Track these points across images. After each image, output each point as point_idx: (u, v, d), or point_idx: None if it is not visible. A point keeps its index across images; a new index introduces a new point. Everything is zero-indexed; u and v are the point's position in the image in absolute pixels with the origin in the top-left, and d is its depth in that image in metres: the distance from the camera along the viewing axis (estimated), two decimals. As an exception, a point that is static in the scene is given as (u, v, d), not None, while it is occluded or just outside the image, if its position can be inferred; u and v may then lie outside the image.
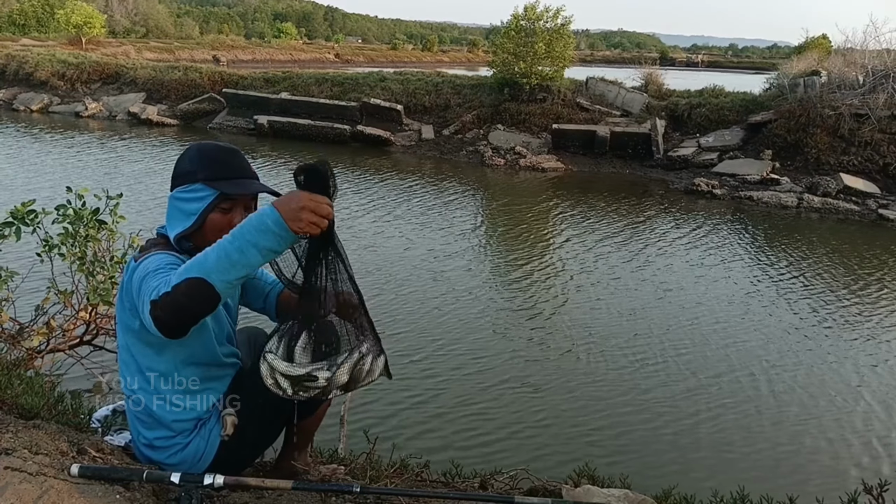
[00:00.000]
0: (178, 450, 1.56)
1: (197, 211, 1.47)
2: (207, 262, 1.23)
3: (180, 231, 1.47)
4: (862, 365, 4.59)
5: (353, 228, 7.28)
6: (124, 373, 1.55)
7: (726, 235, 8.00)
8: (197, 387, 1.54)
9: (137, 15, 48.97)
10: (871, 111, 10.59)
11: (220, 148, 1.53)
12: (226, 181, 1.48)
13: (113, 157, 10.87)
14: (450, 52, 60.17)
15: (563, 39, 13.61)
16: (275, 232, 1.23)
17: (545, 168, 11.68)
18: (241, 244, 1.22)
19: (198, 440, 1.57)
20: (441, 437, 3.42)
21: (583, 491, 1.77)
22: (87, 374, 3.28)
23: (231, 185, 1.48)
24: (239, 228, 1.24)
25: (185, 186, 1.48)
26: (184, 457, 1.56)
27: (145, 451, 1.58)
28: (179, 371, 1.51)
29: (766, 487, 2.79)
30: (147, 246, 1.50)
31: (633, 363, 4.42)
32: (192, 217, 1.46)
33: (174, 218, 1.49)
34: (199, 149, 1.51)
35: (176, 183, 1.50)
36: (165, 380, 1.51)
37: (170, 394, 1.52)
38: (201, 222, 1.47)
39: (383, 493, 1.63)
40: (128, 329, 1.47)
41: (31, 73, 17.31)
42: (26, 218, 2.73)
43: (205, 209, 1.47)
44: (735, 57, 71.23)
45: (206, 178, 1.46)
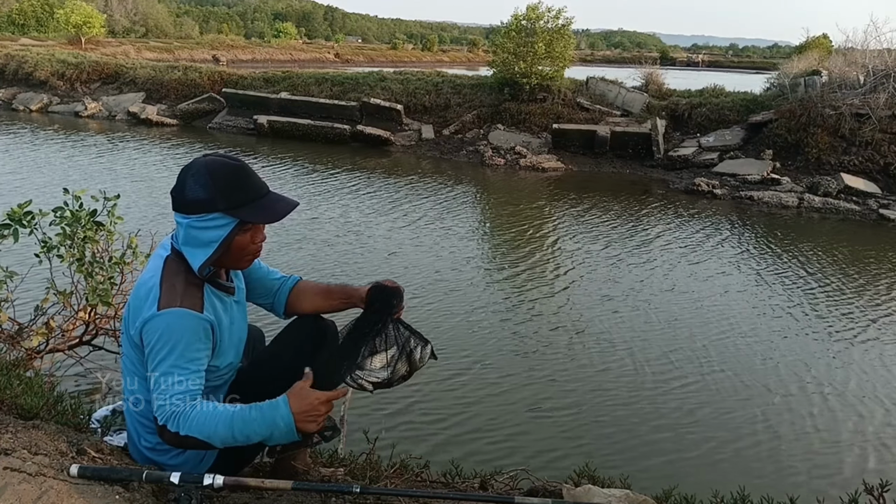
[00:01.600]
0: (179, 452, 1.55)
1: (218, 239, 1.44)
2: (216, 433, 1.34)
3: (203, 261, 1.44)
4: (863, 365, 4.59)
5: (352, 228, 7.28)
6: (127, 375, 1.54)
7: (727, 235, 8.00)
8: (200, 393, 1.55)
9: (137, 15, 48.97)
10: (872, 111, 10.58)
11: (233, 169, 1.45)
12: (245, 207, 1.44)
13: (112, 157, 10.86)
14: (450, 52, 60.14)
15: (563, 39, 13.60)
16: (284, 432, 1.36)
17: (545, 168, 11.67)
18: (248, 433, 1.35)
19: None
20: (441, 437, 3.42)
21: (583, 491, 1.77)
22: (87, 374, 3.27)
23: (252, 211, 1.45)
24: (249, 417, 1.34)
25: (202, 216, 1.42)
26: (186, 458, 1.56)
27: (147, 454, 1.57)
28: None
29: (766, 487, 2.79)
30: (170, 273, 1.43)
31: (634, 363, 4.41)
32: (213, 245, 1.44)
33: (193, 245, 1.44)
34: (210, 173, 1.42)
35: (189, 210, 1.42)
36: None
37: None
38: (223, 250, 1.46)
39: (383, 493, 1.63)
40: (132, 346, 1.47)
41: (30, 73, 17.29)
42: (23, 220, 2.73)
43: (226, 237, 1.44)
44: (735, 57, 71.18)
45: (227, 207, 1.42)
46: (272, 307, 1.80)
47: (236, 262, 1.54)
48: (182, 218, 1.44)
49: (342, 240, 6.78)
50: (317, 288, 1.80)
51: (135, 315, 1.43)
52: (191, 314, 1.39)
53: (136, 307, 1.43)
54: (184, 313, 1.38)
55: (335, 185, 9.63)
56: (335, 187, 9.46)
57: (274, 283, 1.78)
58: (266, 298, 1.79)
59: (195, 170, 1.43)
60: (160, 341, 1.36)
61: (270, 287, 1.78)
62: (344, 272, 5.84)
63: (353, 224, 7.46)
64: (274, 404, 1.36)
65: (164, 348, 1.35)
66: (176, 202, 1.45)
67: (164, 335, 1.36)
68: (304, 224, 7.01)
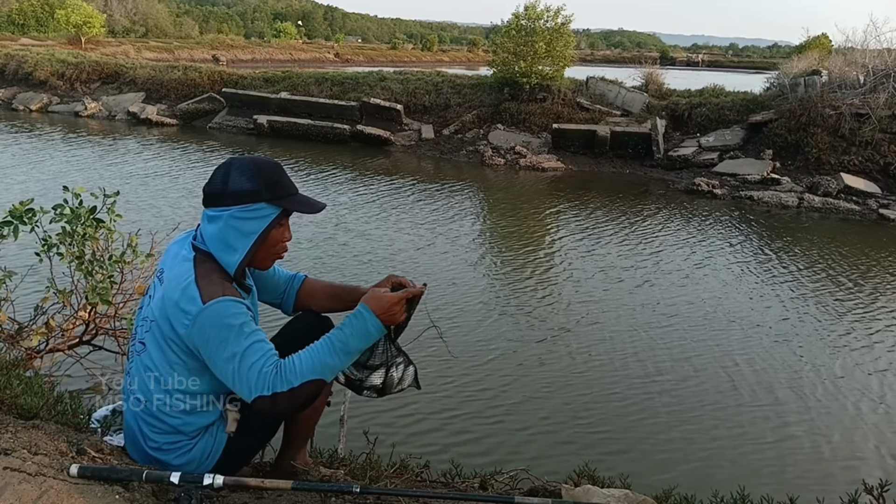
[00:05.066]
0: (186, 451, 1.56)
1: (258, 230, 1.50)
2: (326, 364, 1.43)
3: (242, 257, 1.50)
4: (863, 365, 4.59)
5: (352, 228, 7.27)
6: (136, 375, 1.55)
7: (727, 235, 8.00)
8: (211, 395, 1.57)
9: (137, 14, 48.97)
10: (872, 111, 10.58)
11: (274, 165, 1.56)
12: (286, 199, 1.54)
13: (112, 156, 10.86)
14: (450, 52, 60.18)
15: (563, 39, 13.60)
16: (374, 335, 1.51)
17: (545, 168, 11.67)
18: (349, 349, 1.47)
19: (205, 440, 1.59)
20: (441, 437, 3.42)
21: (583, 491, 1.77)
22: (87, 374, 3.27)
23: (293, 202, 1.55)
24: (344, 336, 1.46)
25: (246, 206, 1.48)
26: (191, 457, 1.57)
27: (152, 454, 1.57)
28: (201, 385, 1.54)
29: (766, 487, 2.79)
30: (204, 273, 1.46)
31: (633, 362, 4.41)
32: (253, 236, 1.50)
33: (231, 238, 1.49)
34: (256, 166, 1.51)
35: (233, 201, 1.48)
36: (185, 389, 1.53)
37: (187, 400, 1.54)
38: (262, 240, 1.52)
39: (383, 493, 1.63)
40: (166, 347, 1.48)
41: (30, 73, 17.30)
42: (24, 217, 2.73)
43: (266, 228, 1.51)
44: (735, 56, 71.23)
45: (272, 197, 1.50)
46: (280, 305, 1.85)
47: (264, 259, 1.59)
48: (220, 211, 1.49)
49: (342, 240, 6.78)
50: (325, 289, 1.86)
51: (177, 316, 1.43)
52: (236, 300, 1.44)
53: (174, 308, 1.44)
54: (230, 300, 1.43)
55: (335, 184, 9.63)
56: (335, 187, 9.45)
57: (282, 282, 1.82)
58: (275, 297, 1.83)
59: (239, 164, 1.51)
60: (219, 329, 1.39)
61: (279, 286, 1.82)
62: (342, 273, 5.84)
63: (353, 224, 7.46)
64: (359, 315, 1.49)
65: (227, 333, 1.39)
66: (214, 197, 1.50)
67: (221, 322, 1.40)
68: (303, 224, 7.00)
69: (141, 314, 1.60)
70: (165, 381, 1.50)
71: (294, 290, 1.83)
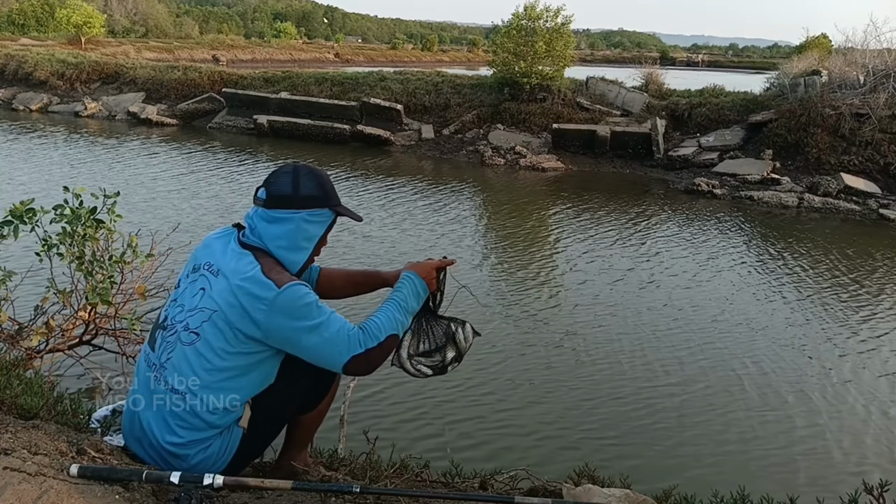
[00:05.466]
0: (205, 448, 1.57)
1: (319, 234, 1.66)
2: (398, 320, 1.63)
3: (307, 256, 1.64)
4: (863, 364, 4.59)
5: (351, 228, 7.27)
6: (188, 365, 1.53)
7: (727, 235, 8.00)
8: (248, 394, 1.59)
9: (137, 14, 48.97)
10: (872, 111, 10.58)
11: (327, 175, 1.72)
12: (339, 206, 1.70)
13: (112, 156, 10.86)
14: (450, 52, 60.19)
15: (563, 39, 13.60)
16: (422, 296, 1.74)
17: (545, 168, 11.67)
18: (408, 307, 1.68)
19: (223, 438, 1.60)
20: (441, 437, 3.41)
21: (583, 491, 1.77)
22: (87, 374, 3.27)
23: (345, 210, 1.71)
24: (403, 297, 1.68)
25: (314, 211, 1.62)
26: (209, 454, 1.58)
27: (171, 449, 1.55)
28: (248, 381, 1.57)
29: (766, 487, 2.79)
30: (268, 266, 1.54)
31: (633, 362, 4.41)
32: (314, 239, 1.65)
33: (300, 239, 1.61)
34: (319, 174, 1.66)
35: (303, 205, 1.59)
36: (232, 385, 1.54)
37: (229, 396, 1.55)
38: (321, 243, 1.69)
39: (383, 493, 1.63)
40: (230, 334, 1.50)
41: (30, 73, 17.28)
42: (25, 216, 2.73)
43: (325, 231, 1.68)
44: (735, 56, 71.22)
45: (333, 204, 1.67)
46: None
47: (311, 260, 1.70)
48: (291, 213, 1.59)
49: (346, 241, 6.78)
50: (343, 276, 1.98)
51: (252, 303, 1.48)
52: (304, 283, 1.56)
53: (248, 296, 1.49)
54: (300, 283, 1.54)
55: (335, 185, 9.61)
56: (336, 187, 9.44)
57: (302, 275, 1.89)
58: None
59: (306, 171, 1.64)
60: (299, 307, 1.49)
61: None
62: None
63: (352, 224, 7.46)
64: (408, 279, 1.72)
65: (307, 309, 1.50)
66: (283, 199, 1.59)
67: (299, 301, 1.50)
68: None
69: (182, 305, 1.59)
70: (217, 369, 1.52)
71: (314, 281, 1.92)
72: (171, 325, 1.59)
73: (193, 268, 1.63)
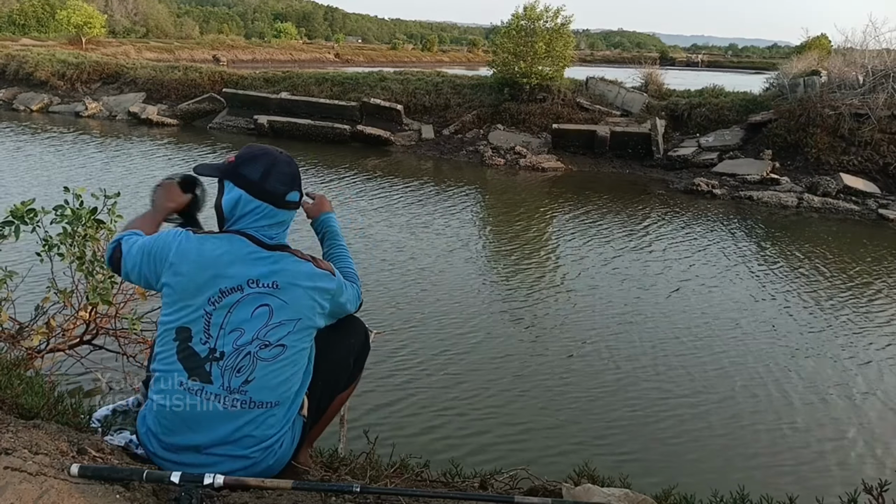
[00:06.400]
0: (280, 446, 1.62)
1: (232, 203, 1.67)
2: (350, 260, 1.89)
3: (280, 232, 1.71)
4: (863, 365, 4.59)
5: (353, 228, 7.27)
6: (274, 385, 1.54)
7: (726, 236, 8.00)
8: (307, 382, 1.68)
9: (137, 15, 49.01)
10: (871, 111, 10.58)
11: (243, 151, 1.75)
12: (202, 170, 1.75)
13: (113, 156, 10.86)
14: (450, 52, 60.21)
15: (563, 39, 13.60)
16: None
17: (545, 168, 11.68)
18: None
19: (294, 429, 1.66)
20: (441, 437, 3.42)
21: (583, 491, 1.77)
22: (87, 373, 3.27)
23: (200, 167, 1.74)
24: (339, 231, 1.97)
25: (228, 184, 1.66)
26: (283, 450, 1.62)
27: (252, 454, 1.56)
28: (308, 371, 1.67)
29: (766, 487, 2.79)
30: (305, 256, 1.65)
31: (634, 363, 4.41)
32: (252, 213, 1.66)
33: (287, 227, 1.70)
34: None
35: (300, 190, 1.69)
36: (306, 380, 1.65)
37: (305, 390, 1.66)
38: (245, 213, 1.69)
39: (383, 492, 1.63)
40: (308, 338, 1.61)
41: (31, 73, 17.29)
42: (26, 217, 2.73)
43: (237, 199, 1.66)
44: (735, 57, 71.22)
45: None
46: None
47: None
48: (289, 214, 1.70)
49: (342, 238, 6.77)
50: None
51: (323, 297, 1.61)
52: None
53: (320, 293, 1.60)
54: None
55: (335, 184, 9.64)
56: (335, 187, 9.46)
57: None
58: None
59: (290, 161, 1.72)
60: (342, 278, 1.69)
61: None
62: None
63: (352, 224, 7.46)
64: (331, 217, 2.00)
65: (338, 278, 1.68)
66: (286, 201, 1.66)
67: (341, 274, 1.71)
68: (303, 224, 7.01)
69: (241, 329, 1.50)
70: (306, 371, 1.62)
71: None
72: (234, 350, 1.50)
73: (220, 291, 1.49)
